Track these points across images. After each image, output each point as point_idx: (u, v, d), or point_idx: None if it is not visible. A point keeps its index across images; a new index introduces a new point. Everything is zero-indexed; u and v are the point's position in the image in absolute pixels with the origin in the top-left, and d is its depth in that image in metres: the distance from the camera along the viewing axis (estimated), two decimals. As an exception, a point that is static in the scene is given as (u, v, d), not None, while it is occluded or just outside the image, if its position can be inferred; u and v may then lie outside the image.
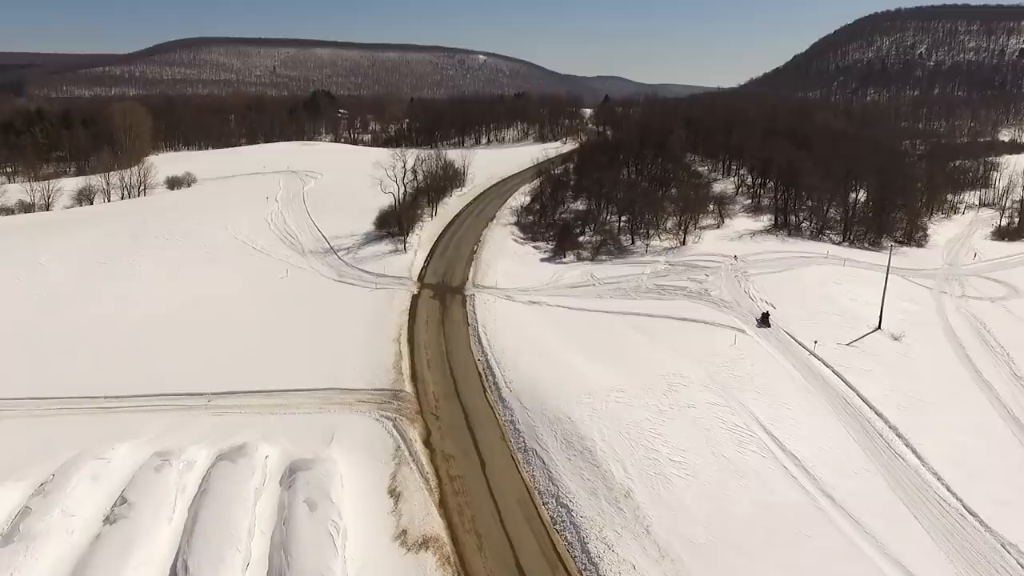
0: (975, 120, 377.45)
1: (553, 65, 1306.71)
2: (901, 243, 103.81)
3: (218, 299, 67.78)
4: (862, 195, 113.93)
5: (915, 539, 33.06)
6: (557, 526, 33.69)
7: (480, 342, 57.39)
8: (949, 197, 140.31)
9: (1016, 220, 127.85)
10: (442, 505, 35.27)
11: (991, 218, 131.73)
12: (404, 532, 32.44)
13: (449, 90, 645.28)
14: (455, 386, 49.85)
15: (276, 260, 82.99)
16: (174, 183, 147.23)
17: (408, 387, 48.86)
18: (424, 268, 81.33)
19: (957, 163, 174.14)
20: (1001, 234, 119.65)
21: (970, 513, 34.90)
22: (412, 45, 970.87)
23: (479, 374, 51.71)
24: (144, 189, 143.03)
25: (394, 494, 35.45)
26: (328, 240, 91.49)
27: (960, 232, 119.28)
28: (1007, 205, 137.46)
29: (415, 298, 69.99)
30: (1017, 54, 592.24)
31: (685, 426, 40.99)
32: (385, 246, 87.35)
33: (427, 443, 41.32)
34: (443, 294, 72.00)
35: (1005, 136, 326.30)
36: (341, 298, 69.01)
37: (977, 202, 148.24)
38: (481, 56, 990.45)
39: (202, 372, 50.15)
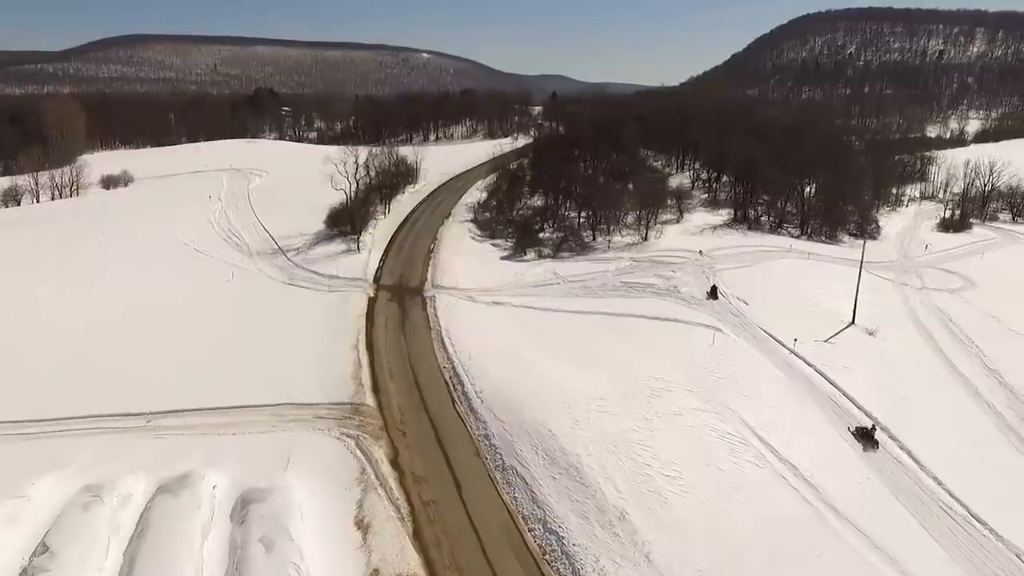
0: (903, 118, 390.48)
1: (497, 63, 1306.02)
2: (855, 236, 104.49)
3: (157, 306, 62.21)
4: (814, 189, 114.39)
5: (928, 551, 31.11)
6: (547, 557, 30.37)
7: (445, 347, 53.82)
8: (894, 191, 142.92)
9: (958, 212, 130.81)
10: (417, 537, 31.53)
11: (933, 210, 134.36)
12: (376, 571, 28.65)
13: (394, 88, 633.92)
14: (421, 397, 46.12)
15: (220, 263, 77.58)
16: (110, 182, 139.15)
17: (370, 400, 44.91)
18: (380, 268, 77.19)
19: (896, 158, 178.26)
20: (946, 226, 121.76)
21: (978, 521, 33.20)
22: (356, 43, 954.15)
23: (446, 383, 48.12)
24: (76, 189, 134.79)
25: (362, 526, 31.59)
26: (276, 240, 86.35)
27: (908, 224, 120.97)
28: (948, 198, 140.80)
29: (372, 301, 65.89)
30: (936, 55, 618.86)
31: (674, 436, 38.25)
32: (337, 246, 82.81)
33: (395, 463, 37.49)
34: (401, 296, 68.09)
35: (932, 132, 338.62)
36: (292, 302, 64.43)
37: (918, 195, 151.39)
38: (425, 54, 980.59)
39: (140, 389, 45.16)
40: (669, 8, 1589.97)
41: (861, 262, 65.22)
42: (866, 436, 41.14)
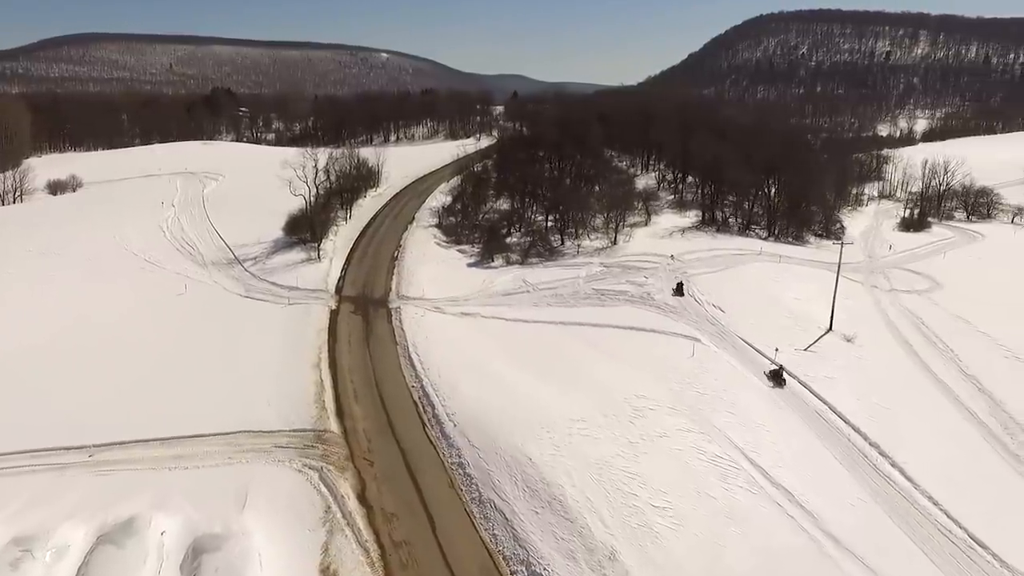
0: (855, 117, 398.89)
1: (456, 63, 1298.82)
2: (821, 236, 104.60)
3: (102, 323, 58.18)
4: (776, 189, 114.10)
5: (932, 582, 29.64)
6: (533, 604, 28.07)
7: (412, 364, 51.03)
8: (853, 190, 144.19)
9: (916, 211, 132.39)
10: (389, 584, 28.94)
11: (892, 209, 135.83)
12: (345, 629, 26.04)
13: (353, 88, 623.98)
14: (389, 421, 43.22)
15: (173, 274, 73.55)
16: (56, 187, 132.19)
17: (334, 425, 41.95)
18: (342, 278, 73.90)
19: (854, 157, 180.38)
20: (906, 225, 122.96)
21: (980, 545, 31.86)
22: (314, 43, 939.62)
23: (415, 404, 45.36)
24: (20, 195, 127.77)
25: (328, 573, 28.76)
26: (232, 249, 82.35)
27: (869, 224, 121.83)
28: (907, 197, 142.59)
29: (334, 313, 62.73)
30: (883, 56, 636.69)
31: (661, 461, 36.11)
32: (297, 254, 79.16)
33: (362, 499, 34.59)
34: (365, 308, 65.03)
35: (883, 131, 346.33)
36: (249, 317, 60.94)
37: (877, 194, 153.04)
38: (384, 54, 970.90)
39: (81, 417, 41.59)
40: (626, 8, 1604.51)
41: (839, 267, 64.20)
42: (776, 376, 47.34)
